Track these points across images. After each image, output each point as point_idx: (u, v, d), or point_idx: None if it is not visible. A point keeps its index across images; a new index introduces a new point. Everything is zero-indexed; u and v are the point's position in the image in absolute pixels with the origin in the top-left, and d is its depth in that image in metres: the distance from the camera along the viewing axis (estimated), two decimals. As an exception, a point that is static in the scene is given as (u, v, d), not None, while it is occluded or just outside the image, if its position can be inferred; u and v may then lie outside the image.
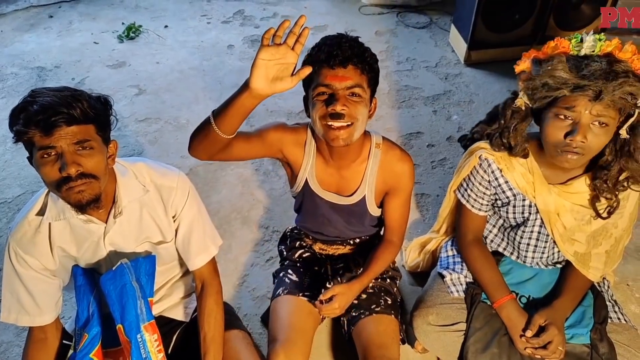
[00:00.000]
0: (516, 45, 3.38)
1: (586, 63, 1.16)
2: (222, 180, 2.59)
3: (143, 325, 1.23)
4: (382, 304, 1.53)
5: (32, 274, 1.23)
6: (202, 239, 1.38)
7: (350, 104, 1.25)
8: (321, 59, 1.24)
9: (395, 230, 1.55)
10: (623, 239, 1.44)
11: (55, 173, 1.09)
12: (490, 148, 1.42)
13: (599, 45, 1.18)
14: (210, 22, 4.21)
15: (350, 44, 1.25)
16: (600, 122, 1.18)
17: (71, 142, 1.09)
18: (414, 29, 3.99)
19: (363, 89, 1.26)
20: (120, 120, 2.96)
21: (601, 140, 1.22)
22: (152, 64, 3.64)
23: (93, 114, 1.13)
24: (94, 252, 1.30)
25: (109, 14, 4.35)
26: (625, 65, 1.15)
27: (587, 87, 1.15)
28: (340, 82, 1.23)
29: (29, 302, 1.25)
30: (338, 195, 1.49)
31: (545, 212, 1.39)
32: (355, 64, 1.24)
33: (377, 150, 1.44)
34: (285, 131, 1.43)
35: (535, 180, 1.38)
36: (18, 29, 4.12)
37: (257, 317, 1.95)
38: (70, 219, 1.23)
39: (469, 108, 3.09)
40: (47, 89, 1.12)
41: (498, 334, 1.40)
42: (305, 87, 1.34)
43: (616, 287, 1.99)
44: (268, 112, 3.09)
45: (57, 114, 1.06)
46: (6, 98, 3.28)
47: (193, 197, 1.37)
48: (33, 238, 1.22)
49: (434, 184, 2.53)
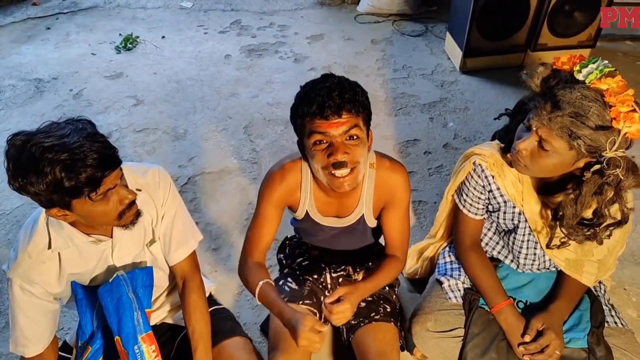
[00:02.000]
0: (510, 52, 3.42)
1: (564, 85, 1.15)
2: (221, 190, 2.60)
3: (140, 337, 1.24)
4: (381, 311, 1.54)
5: (35, 301, 1.24)
6: (183, 232, 1.39)
7: (350, 149, 1.21)
8: (313, 111, 1.19)
9: (397, 246, 1.50)
10: (616, 250, 1.44)
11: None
12: (483, 154, 1.43)
13: (594, 74, 1.13)
14: (207, 32, 4.24)
15: (339, 91, 1.18)
16: (544, 147, 1.18)
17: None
18: (410, 37, 4.03)
19: (360, 128, 1.23)
20: (118, 131, 2.99)
21: (544, 161, 1.21)
22: (150, 74, 3.66)
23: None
24: (102, 270, 1.31)
25: (106, 25, 4.38)
26: (597, 107, 1.10)
27: (541, 102, 1.16)
28: (336, 129, 1.20)
29: (32, 334, 1.27)
30: (338, 219, 1.48)
31: (533, 221, 1.40)
32: (349, 110, 1.19)
33: (371, 171, 1.42)
34: (277, 190, 1.40)
35: (524, 190, 1.39)
36: (15, 41, 4.14)
37: (257, 326, 1.95)
38: (79, 244, 1.23)
39: (464, 115, 3.11)
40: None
41: (496, 339, 1.41)
42: (299, 134, 1.30)
43: (613, 292, 2.00)
44: (265, 121, 3.11)
45: None
46: (4, 110, 3.29)
47: (174, 190, 1.38)
48: (37, 268, 1.22)
49: (431, 191, 2.54)
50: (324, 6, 4.62)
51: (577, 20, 3.27)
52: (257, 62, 3.78)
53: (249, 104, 3.29)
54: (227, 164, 2.77)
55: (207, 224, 2.40)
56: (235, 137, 2.99)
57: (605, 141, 1.12)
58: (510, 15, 3.22)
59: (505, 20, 3.24)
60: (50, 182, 1.02)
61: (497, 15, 3.18)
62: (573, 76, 1.16)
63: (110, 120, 3.13)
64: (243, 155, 2.84)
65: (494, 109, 3.12)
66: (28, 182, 1.03)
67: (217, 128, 3.07)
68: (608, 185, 1.18)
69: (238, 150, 2.88)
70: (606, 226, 1.27)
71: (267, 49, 3.94)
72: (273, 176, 1.41)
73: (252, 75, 3.61)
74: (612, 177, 1.16)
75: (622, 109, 1.09)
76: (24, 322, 1.25)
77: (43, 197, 1.06)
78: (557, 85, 1.16)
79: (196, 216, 2.44)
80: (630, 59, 3.65)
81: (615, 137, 1.12)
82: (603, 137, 1.12)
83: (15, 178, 1.04)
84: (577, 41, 3.36)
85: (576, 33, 3.33)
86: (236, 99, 3.36)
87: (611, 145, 1.12)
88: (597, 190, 1.19)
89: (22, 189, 1.05)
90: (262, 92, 3.41)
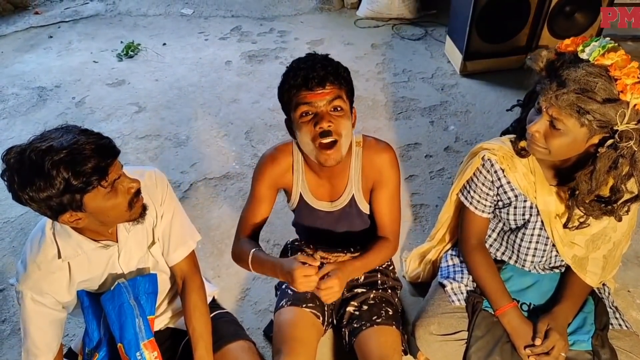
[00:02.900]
0: (511, 55, 3.42)
1: (568, 65, 1.16)
2: (223, 195, 2.61)
3: (142, 343, 1.25)
4: (383, 315, 1.54)
5: (46, 311, 1.25)
6: (181, 233, 1.40)
7: (334, 119, 1.29)
8: (298, 83, 1.28)
9: (388, 228, 1.53)
10: (622, 244, 1.44)
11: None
12: (491, 148, 1.43)
13: (597, 51, 1.15)
14: (207, 38, 4.26)
15: (322, 63, 1.29)
16: (555, 126, 1.19)
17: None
18: (410, 41, 4.03)
19: (343, 100, 1.31)
20: (120, 138, 3.00)
21: (558, 141, 1.21)
22: (151, 81, 3.68)
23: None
24: (109, 276, 1.32)
25: (108, 33, 4.41)
26: (603, 82, 1.11)
27: (547, 83, 1.17)
28: (321, 99, 1.28)
29: (43, 344, 1.27)
30: (331, 203, 1.53)
31: (546, 213, 1.40)
32: (332, 82, 1.29)
33: (358, 149, 1.48)
34: (270, 171, 1.49)
35: (536, 181, 1.38)
36: (18, 50, 4.17)
37: (260, 331, 1.95)
38: (88, 251, 1.24)
39: (465, 118, 3.11)
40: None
41: (500, 342, 1.41)
42: (286, 110, 1.38)
43: (617, 294, 1.99)
44: (267, 126, 3.12)
45: None
46: (7, 119, 3.31)
47: (171, 190, 1.40)
48: (47, 278, 1.22)
49: (432, 195, 2.54)
50: (323, 11, 4.64)
51: (578, 22, 3.26)
52: (257, 67, 3.79)
53: (250, 110, 3.30)
54: (229, 170, 2.78)
55: (209, 230, 2.41)
56: (236, 142, 3.00)
57: (615, 114, 1.12)
58: (510, 17, 3.22)
59: (505, 22, 3.24)
60: (59, 182, 1.02)
61: (497, 18, 3.18)
62: (577, 56, 1.17)
63: (113, 127, 3.14)
64: (245, 161, 2.84)
65: (495, 112, 3.12)
66: (38, 189, 1.03)
67: (218, 134, 3.08)
68: (623, 158, 1.17)
69: (240, 155, 2.89)
70: (624, 202, 1.27)
71: (268, 55, 3.95)
72: (265, 158, 1.51)
73: (252, 81, 3.63)
74: (626, 150, 1.15)
75: (628, 81, 1.10)
76: (35, 333, 1.26)
77: (54, 201, 1.05)
78: (562, 66, 1.17)
79: (198, 222, 2.44)
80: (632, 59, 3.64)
81: (624, 110, 1.12)
82: (612, 111, 1.12)
83: (23, 188, 1.04)
84: (578, 42, 3.36)
85: (577, 34, 3.28)
86: (237, 104, 3.37)
87: (621, 118, 1.12)
88: (612, 165, 1.19)
89: (32, 199, 1.05)
90: (263, 98, 3.42)
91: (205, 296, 1.43)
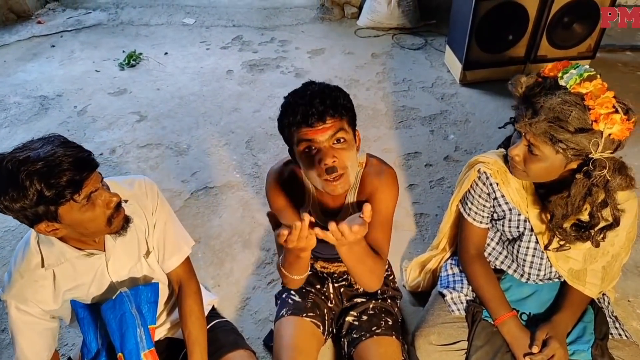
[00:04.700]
0: (510, 64, 3.44)
1: (547, 91, 1.18)
2: (223, 204, 2.61)
3: (143, 353, 1.25)
4: (383, 325, 1.54)
5: (32, 320, 1.25)
6: (175, 239, 1.41)
7: (338, 152, 1.24)
8: (298, 120, 1.22)
9: (374, 246, 1.43)
10: (620, 257, 1.44)
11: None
12: (487, 162, 1.45)
13: (573, 79, 1.16)
14: (209, 48, 4.29)
15: (320, 97, 1.21)
16: (533, 152, 1.23)
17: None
18: (410, 50, 4.06)
19: (345, 130, 1.25)
20: (122, 147, 3.02)
21: (536, 166, 1.25)
22: (153, 90, 3.70)
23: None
24: (99, 285, 1.31)
25: (110, 42, 4.44)
26: (577, 111, 1.13)
27: (523, 109, 1.20)
28: (323, 134, 1.22)
29: (32, 354, 1.28)
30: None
31: (539, 228, 1.41)
32: (332, 115, 1.22)
33: (359, 169, 1.45)
34: (279, 183, 1.46)
35: (528, 197, 1.40)
36: (21, 59, 4.20)
37: (260, 341, 1.94)
38: (72, 259, 1.24)
39: (465, 127, 3.12)
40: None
41: (500, 352, 1.41)
42: (288, 143, 1.33)
43: (617, 304, 1.99)
44: (267, 135, 3.13)
45: None
46: (10, 127, 3.32)
47: (162, 198, 1.40)
48: (30, 287, 1.22)
49: (432, 204, 2.55)
50: (324, 21, 4.67)
51: (577, 32, 3.29)
52: (258, 77, 3.82)
53: (251, 119, 3.32)
54: (230, 179, 2.79)
55: (209, 239, 2.41)
56: (237, 151, 3.01)
57: (588, 143, 1.15)
58: (510, 27, 3.24)
59: (504, 32, 3.26)
60: (32, 193, 1.02)
61: (496, 28, 3.21)
62: (557, 82, 1.20)
63: (114, 136, 3.16)
64: (245, 170, 2.85)
65: (494, 121, 3.13)
66: (12, 199, 1.03)
67: (219, 143, 3.09)
68: (596, 187, 1.20)
69: (240, 164, 2.90)
70: (600, 229, 1.28)
71: (269, 64, 3.98)
72: (272, 174, 1.49)
73: (253, 90, 3.65)
74: (599, 178, 1.18)
75: (602, 111, 1.12)
76: (22, 342, 1.26)
77: (29, 211, 1.06)
78: (540, 93, 1.19)
79: (199, 231, 2.45)
80: (630, 69, 3.66)
81: (597, 139, 1.14)
82: (585, 140, 1.14)
83: None
84: (577, 52, 3.38)
85: (576, 44, 3.35)
86: (238, 113, 3.39)
87: (595, 147, 1.15)
88: (587, 192, 1.22)
89: (7, 208, 1.05)
90: (264, 107, 3.44)
91: (201, 301, 1.44)
